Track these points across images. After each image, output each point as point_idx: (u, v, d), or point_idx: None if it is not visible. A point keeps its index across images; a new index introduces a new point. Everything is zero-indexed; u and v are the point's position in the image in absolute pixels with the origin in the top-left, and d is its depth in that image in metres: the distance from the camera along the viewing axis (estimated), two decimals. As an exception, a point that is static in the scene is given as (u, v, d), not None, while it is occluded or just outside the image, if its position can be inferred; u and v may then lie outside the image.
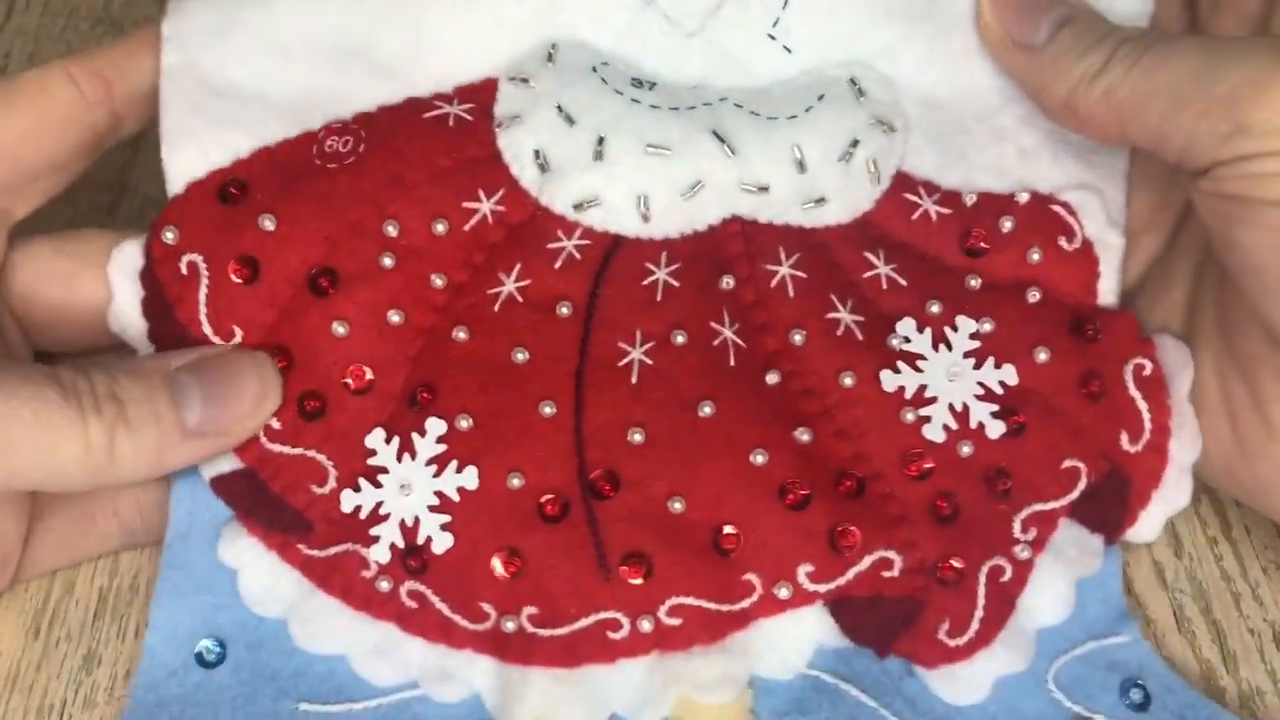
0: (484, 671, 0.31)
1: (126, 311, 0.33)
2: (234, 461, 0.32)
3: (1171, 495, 0.32)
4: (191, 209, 0.33)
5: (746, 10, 0.34)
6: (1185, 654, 0.33)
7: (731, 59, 0.34)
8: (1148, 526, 0.32)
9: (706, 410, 0.31)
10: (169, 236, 0.32)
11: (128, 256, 0.33)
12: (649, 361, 0.32)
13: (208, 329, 0.32)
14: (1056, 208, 0.34)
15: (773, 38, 0.34)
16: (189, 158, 0.33)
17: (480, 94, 0.34)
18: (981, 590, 0.31)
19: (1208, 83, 0.28)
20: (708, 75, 0.34)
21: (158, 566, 0.34)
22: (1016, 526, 0.31)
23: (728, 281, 0.32)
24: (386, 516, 0.31)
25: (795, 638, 0.31)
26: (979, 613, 0.31)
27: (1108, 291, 0.34)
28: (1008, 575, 0.31)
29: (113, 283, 0.33)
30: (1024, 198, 0.34)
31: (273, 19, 0.33)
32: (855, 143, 0.33)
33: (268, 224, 0.32)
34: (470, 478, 0.31)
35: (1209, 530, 0.35)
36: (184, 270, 0.32)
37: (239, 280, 0.32)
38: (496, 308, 0.32)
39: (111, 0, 0.50)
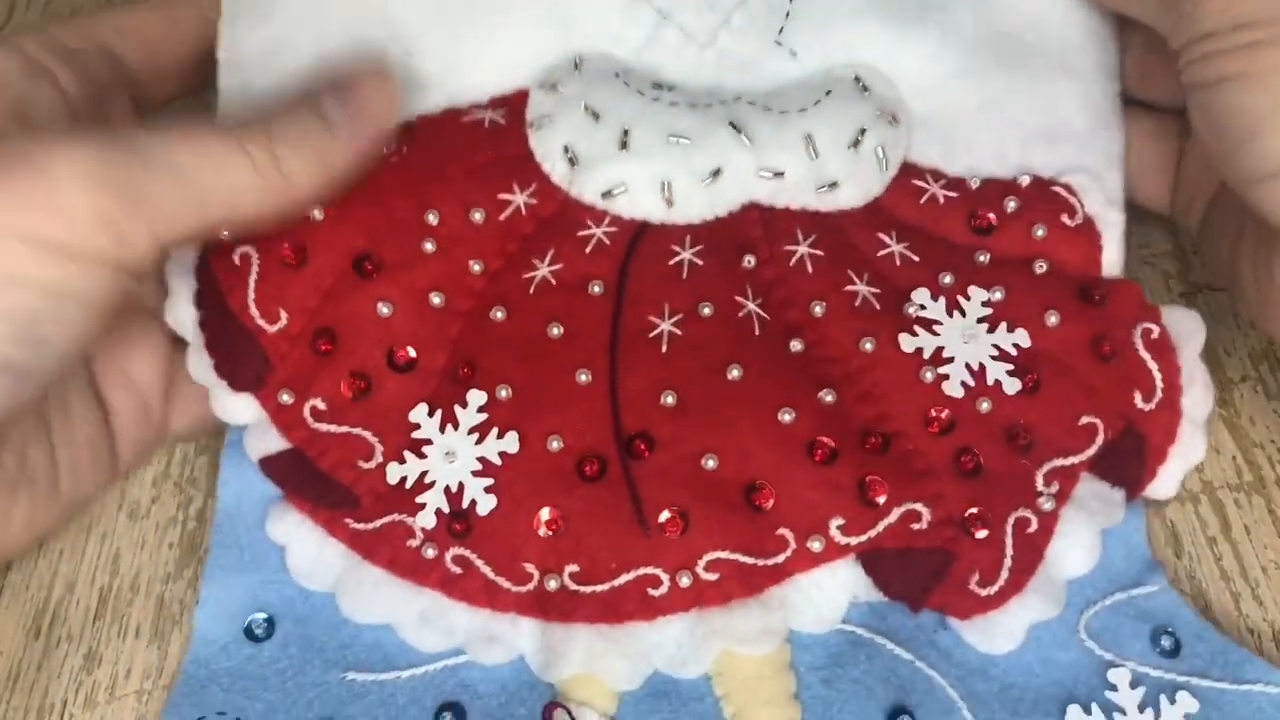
0: (528, 634, 0.31)
1: (181, 306, 0.34)
2: (281, 442, 0.33)
3: (1187, 450, 0.33)
4: None
5: (753, 21, 0.37)
6: (1185, 654, 0.33)
7: (743, 65, 0.36)
8: (1166, 482, 0.33)
9: (734, 374, 0.32)
10: (224, 232, 0.33)
11: (185, 254, 0.34)
12: (678, 332, 0.33)
13: (255, 312, 0.33)
14: (1057, 189, 0.35)
15: (779, 44, 0.37)
16: None
17: (513, 102, 0.36)
18: (1009, 540, 0.32)
19: None
20: (722, 80, 0.36)
21: (158, 567, 0.35)
22: (1039, 480, 0.32)
23: (749, 260, 0.34)
24: (432, 484, 0.32)
25: (830, 592, 0.32)
26: (1008, 561, 0.31)
27: (1111, 264, 0.35)
28: (1034, 526, 0.32)
29: (169, 279, 0.34)
30: (1025, 180, 0.35)
31: (321, 42, 0.36)
32: (863, 131, 0.35)
33: (316, 214, 0.33)
34: (511, 442, 0.32)
35: (1209, 530, 0.35)
36: (237, 261, 0.33)
37: (288, 264, 0.33)
38: (531, 290, 0.34)
39: (112, 0, 0.50)
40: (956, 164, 0.36)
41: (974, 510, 0.32)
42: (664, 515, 0.31)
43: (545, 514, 0.31)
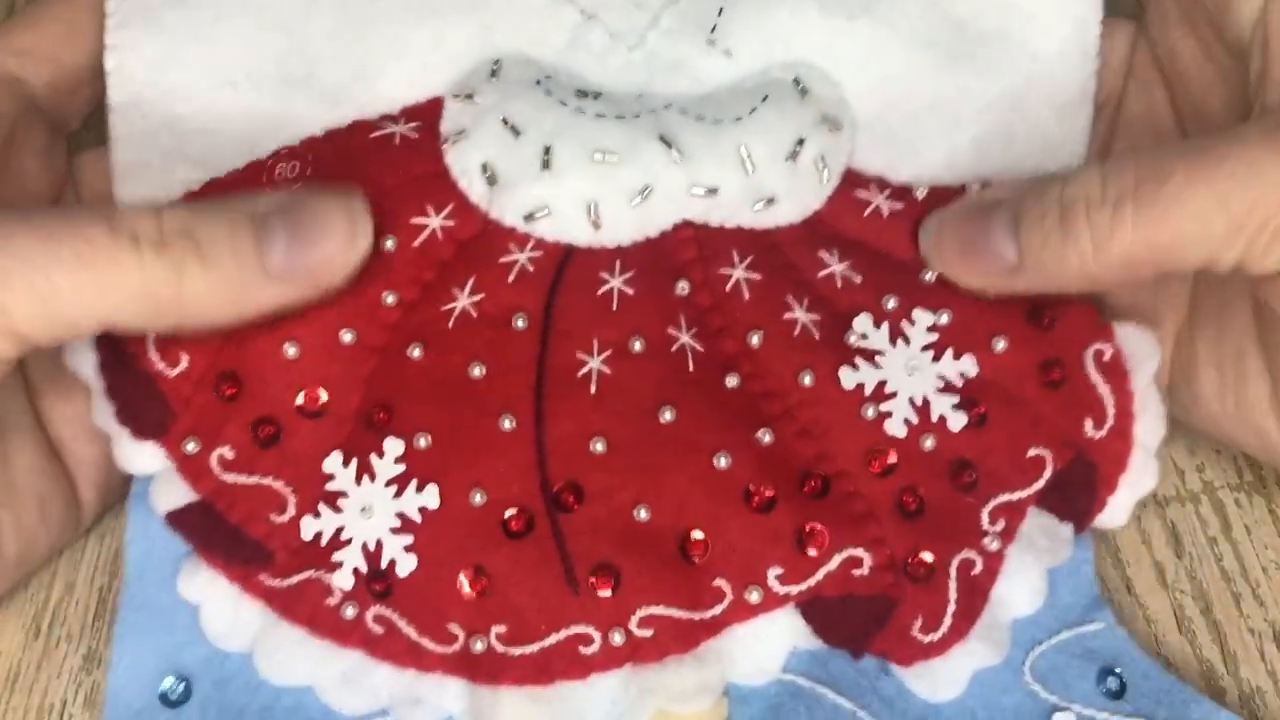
0: (455, 695, 0.30)
1: (80, 348, 0.32)
2: (189, 494, 0.31)
3: (1138, 479, 0.32)
4: None
5: (684, 20, 0.34)
6: (1185, 654, 0.33)
7: (674, 67, 0.34)
8: (1116, 512, 0.32)
9: (667, 416, 0.31)
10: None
11: None
12: (607, 370, 0.31)
13: (154, 356, 0.31)
14: None
15: (712, 43, 0.34)
16: (141, 194, 0.33)
17: (427, 113, 0.33)
18: (953, 584, 0.31)
19: (1225, 205, 0.27)
20: (651, 84, 0.34)
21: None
22: (984, 518, 0.31)
23: (682, 287, 0.32)
24: (348, 541, 0.30)
25: (768, 642, 0.31)
26: (951, 607, 0.31)
27: None
28: (978, 568, 0.31)
29: None
30: (976, 189, 0.33)
31: (216, 51, 0.33)
32: (801, 141, 0.33)
33: None
34: (431, 497, 0.30)
35: (1209, 530, 0.35)
36: None
37: None
38: (451, 324, 0.32)
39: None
40: (903, 170, 0.34)
41: (917, 554, 0.31)
42: (594, 573, 0.30)
43: (469, 574, 0.30)
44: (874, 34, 0.34)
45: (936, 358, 0.32)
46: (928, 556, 0.31)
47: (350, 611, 0.30)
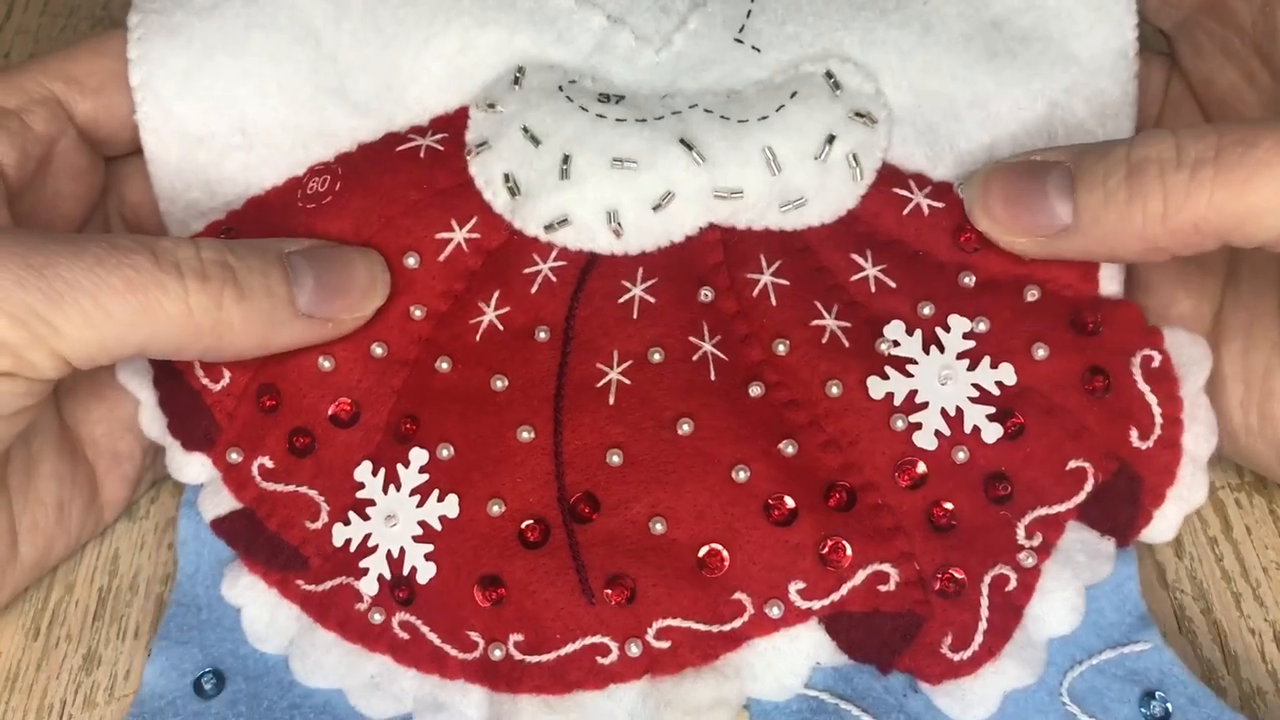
0: (476, 702, 0.30)
1: (133, 364, 0.33)
2: (232, 502, 0.32)
3: (1187, 492, 0.31)
4: None
5: (711, 21, 0.34)
6: (1186, 654, 0.33)
7: (700, 66, 0.34)
8: (1163, 526, 0.31)
9: (685, 428, 0.30)
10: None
11: None
12: (627, 381, 0.31)
13: (199, 371, 0.33)
14: None
15: (740, 41, 0.34)
16: (184, 214, 0.34)
17: (453, 123, 0.34)
18: (985, 601, 0.30)
19: None
20: (677, 81, 0.34)
21: (157, 567, 0.35)
22: (1020, 532, 0.30)
23: (706, 293, 0.32)
24: (375, 548, 0.31)
25: (791, 657, 0.30)
26: (983, 625, 0.30)
27: (1109, 279, 0.32)
28: (1013, 584, 0.30)
29: None
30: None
31: (246, 62, 0.34)
32: (832, 138, 0.32)
33: None
34: (451, 506, 0.31)
35: (1209, 530, 0.35)
36: None
37: None
38: (478, 337, 0.32)
39: (111, 0, 0.50)
40: (943, 166, 0.33)
41: (947, 570, 0.30)
42: (608, 584, 0.30)
43: (482, 586, 0.30)
44: (910, 29, 0.33)
45: (972, 366, 0.30)
46: (958, 573, 0.30)
47: (378, 617, 0.31)
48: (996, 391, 0.30)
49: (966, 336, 0.31)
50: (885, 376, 0.30)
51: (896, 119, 0.33)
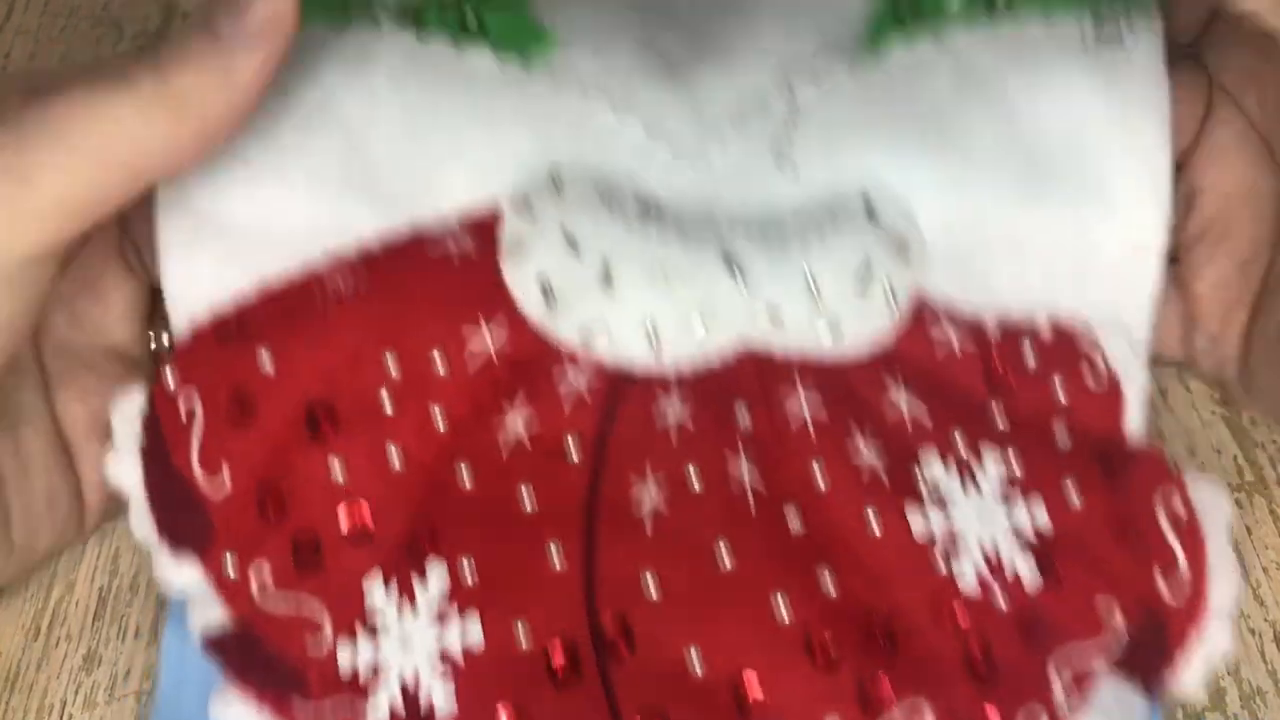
0: None
1: (125, 459, 0.31)
2: (224, 615, 0.30)
3: (1213, 640, 0.30)
4: (193, 351, 0.32)
5: (750, 140, 0.33)
6: (1185, 654, 0.33)
7: (739, 185, 0.33)
8: (1189, 675, 0.30)
9: (726, 562, 0.29)
10: (170, 380, 0.31)
11: (132, 402, 0.32)
12: (664, 510, 0.30)
13: (198, 472, 0.30)
14: (1079, 339, 0.33)
15: (779, 165, 0.33)
16: (192, 301, 0.32)
17: (485, 224, 0.32)
18: None
19: None
20: (716, 201, 0.33)
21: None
22: (1053, 675, 0.29)
23: (744, 418, 0.31)
24: (385, 673, 0.29)
25: None
26: None
27: (1134, 422, 0.32)
28: None
29: (114, 428, 0.31)
30: (1045, 325, 0.33)
31: (274, 153, 0.32)
32: (869, 265, 0.32)
33: (265, 359, 0.31)
34: (475, 632, 0.29)
35: (1209, 530, 0.35)
36: (183, 415, 0.31)
37: (232, 418, 0.31)
38: (505, 454, 0.31)
39: (111, 0, 0.50)
40: (973, 298, 0.33)
41: (981, 708, 0.29)
42: None
43: (509, 715, 0.28)
44: (947, 160, 0.33)
45: (1009, 504, 0.30)
46: (993, 714, 0.29)
47: None
48: (1033, 536, 0.30)
49: (1000, 478, 0.31)
50: (926, 516, 0.30)
51: (930, 247, 0.33)
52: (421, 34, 0.33)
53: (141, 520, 0.31)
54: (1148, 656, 0.30)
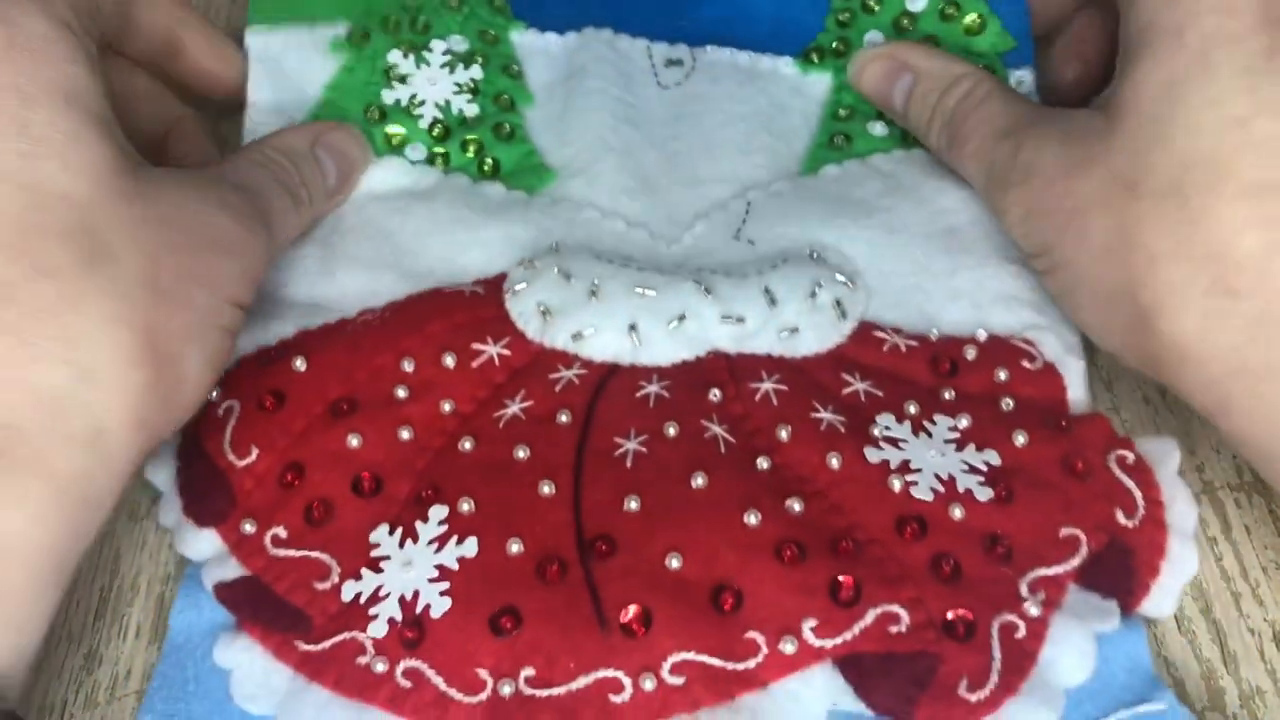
0: None
1: (160, 458, 0.35)
2: (239, 570, 0.33)
3: (1179, 565, 0.32)
4: (237, 373, 0.36)
5: (713, 225, 0.40)
6: (1185, 654, 0.33)
7: (706, 255, 0.39)
8: (1163, 599, 0.32)
9: (699, 481, 0.32)
10: (214, 396, 0.35)
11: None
12: (643, 450, 0.33)
13: (228, 451, 0.34)
14: (1015, 341, 0.36)
15: (737, 239, 0.40)
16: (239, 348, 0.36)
17: (494, 280, 0.38)
18: (995, 644, 0.30)
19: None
20: (685, 262, 0.39)
21: (158, 567, 0.35)
22: (1023, 588, 0.31)
23: (715, 394, 0.35)
24: (386, 596, 0.31)
25: (806, 701, 0.30)
26: (997, 664, 0.30)
27: (1077, 403, 0.36)
28: (1021, 632, 0.30)
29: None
30: (983, 335, 0.37)
31: (329, 259, 0.39)
32: (819, 284, 0.37)
33: (299, 363, 0.35)
34: (470, 546, 0.32)
35: (1209, 530, 0.35)
36: (220, 412, 0.35)
37: (265, 407, 0.35)
38: (502, 425, 0.34)
39: (111, 0, 0.50)
40: (915, 325, 0.37)
41: (956, 612, 0.30)
42: (626, 613, 0.30)
43: (499, 615, 0.30)
44: (879, 232, 0.39)
45: (959, 449, 0.33)
46: (968, 615, 0.30)
47: (380, 667, 0.30)
48: (985, 469, 0.33)
49: (951, 429, 0.34)
50: (880, 448, 0.33)
51: (871, 289, 0.38)
52: (448, 170, 0.41)
53: (170, 507, 0.34)
54: (1117, 577, 0.32)
